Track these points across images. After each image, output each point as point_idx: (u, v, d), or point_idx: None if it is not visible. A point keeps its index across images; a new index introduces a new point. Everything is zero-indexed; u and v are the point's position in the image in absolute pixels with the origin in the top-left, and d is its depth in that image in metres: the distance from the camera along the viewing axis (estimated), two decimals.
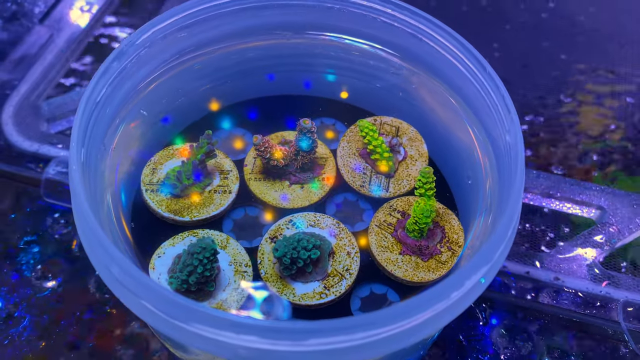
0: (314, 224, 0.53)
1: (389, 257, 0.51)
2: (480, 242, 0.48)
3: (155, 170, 0.54)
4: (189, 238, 0.51)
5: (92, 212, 0.38)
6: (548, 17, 1.02)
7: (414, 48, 0.55)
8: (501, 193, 0.46)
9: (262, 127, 0.59)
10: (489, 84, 0.48)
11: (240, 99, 0.61)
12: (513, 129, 0.44)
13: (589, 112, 0.89)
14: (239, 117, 0.60)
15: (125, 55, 0.49)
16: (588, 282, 0.69)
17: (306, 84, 0.62)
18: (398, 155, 0.56)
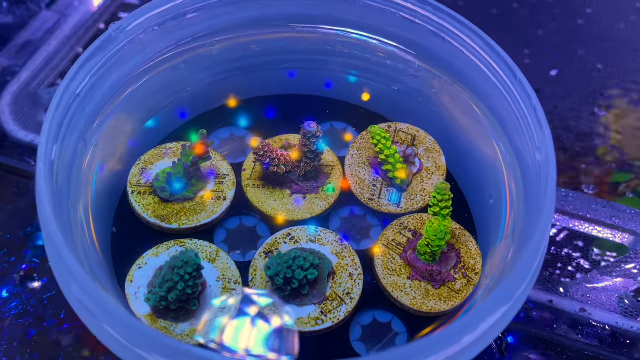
0: (315, 240, 0.47)
1: (395, 281, 0.46)
2: (501, 271, 0.42)
3: (144, 171, 0.50)
4: (174, 248, 0.46)
5: (55, 217, 0.34)
6: (585, 23, 0.95)
7: (436, 49, 0.49)
8: (527, 218, 0.40)
9: (264, 128, 0.54)
10: (519, 93, 0.42)
11: (243, 97, 0.56)
12: (544, 146, 0.38)
13: (625, 127, 0.82)
14: (239, 116, 0.55)
15: (114, 43, 0.44)
16: (618, 316, 0.62)
17: (317, 84, 0.57)
18: (413, 167, 0.51)
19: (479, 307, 0.32)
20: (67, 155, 0.40)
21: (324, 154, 0.51)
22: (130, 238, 0.47)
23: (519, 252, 0.39)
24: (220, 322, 0.38)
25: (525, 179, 0.41)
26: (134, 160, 0.50)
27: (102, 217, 0.47)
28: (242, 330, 0.38)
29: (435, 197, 0.44)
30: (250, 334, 0.38)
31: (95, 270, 0.39)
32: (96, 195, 0.46)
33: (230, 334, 0.37)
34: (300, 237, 0.47)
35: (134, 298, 0.43)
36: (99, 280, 0.40)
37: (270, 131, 0.54)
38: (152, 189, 0.49)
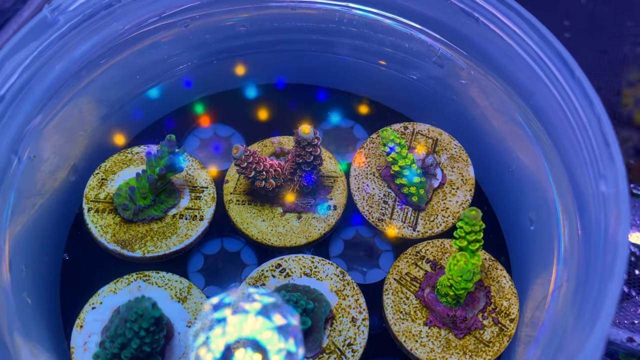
0: (310, 273, 0.38)
1: (409, 328, 0.37)
2: (551, 325, 0.33)
3: (104, 182, 0.41)
4: (136, 283, 0.37)
5: None
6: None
7: (468, 31, 0.39)
8: (586, 265, 0.30)
9: (254, 126, 0.45)
10: (577, 96, 0.32)
11: (226, 87, 0.47)
12: (613, 175, 0.29)
13: None
14: (226, 112, 0.46)
15: (53, 27, 0.34)
16: None
17: (318, 71, 0.47)
18: (433, 180, 0.41)
19: None
20: None
21: (325, 161, 0.42)
22: (85, 267, 0.39)
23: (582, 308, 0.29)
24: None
25: (584, 210, 0.31)
26: (92, 168, 0.41)
27: (50, 241, 0.39)
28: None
29: (462, 228, 0.35)
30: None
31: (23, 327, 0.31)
32: (42, 214, 0.38)
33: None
34: (293, 270, 0.38)
35: (81, 350, 0.35)
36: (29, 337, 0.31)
37: (261, 131, 0.44)
38: (113, 206, 0.40)
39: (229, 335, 0.30)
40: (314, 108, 0.46)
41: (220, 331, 0.30)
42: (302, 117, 0.45)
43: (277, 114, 0.46)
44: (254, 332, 0.30)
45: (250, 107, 0.46)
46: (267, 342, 0.30)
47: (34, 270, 0.35)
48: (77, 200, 0.41)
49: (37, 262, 0.36)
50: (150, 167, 0.38)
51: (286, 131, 0.44)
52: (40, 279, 0.36)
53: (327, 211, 0.40)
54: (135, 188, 0.39)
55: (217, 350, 0.30)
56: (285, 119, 0.46)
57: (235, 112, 0.46)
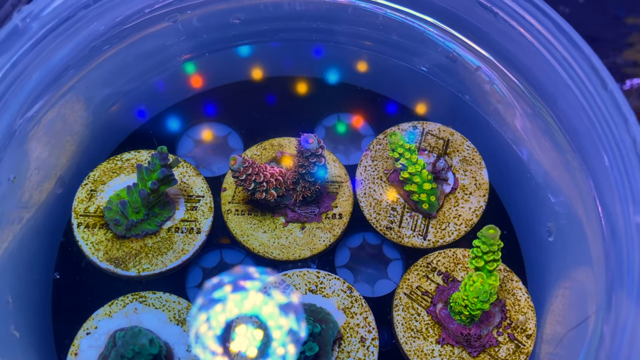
0: (316, 289, 0.36)
1: (421, 347, 0.35)
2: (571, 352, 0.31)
3: (93, 194, 0.38)
4: (132, 305, 0.35)
5: None
6: None
7: (485, 26, 0.36)
8: (618, 294, 0.28)
9: (252, 125, 0.42)
10: (609, 110, 0.29)
11: (223, 82, 0.43)
12: None
13: None
14: (221, 110, 0.43)
15: (26, 35, 0.31)
16: None
17: (320, 62, 0.43)
18: (445, 186, 0.39)
19: None
20: None
21: (329, 166, 0.39)
22: (76, 288, 0.37)
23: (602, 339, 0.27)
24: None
25: (616, 237, 0.29)
26: (80, 179, 0.38)
27: (39, 260, 0.36)
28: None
29: (479, 248, 0.33)
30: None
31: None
32: (28, 232, 0.35)
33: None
34: (297, 286, 0.36)
35: None
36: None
37: (259, 129, 0.41)
38: (104, 221, 0.37)
39: (229, 312, 0.30)
40: (317, 102, 0.43)
41: (221, 308, 0.30)
42: (303, 114, 0.42)
43: (277, 109, 0.43)
44: (254, 308, 0.30)
45: (247, 103, 0.43)
46: (268, 318, 0.30)
47: (22, 296, 0.33)
48: (66, 214, 0.38)
49: (26, 285, 0.34)
50: (142, 180, 0.36)
51: (286, 128, 0.41)
52: (29, 304, 0.34)
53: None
54: (127, 202, 0.36)
55: (217, 327, 0.30)
56: (285, 115, 0.43)
57: (232, 109, 0.43)
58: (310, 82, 0.44)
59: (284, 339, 0.30)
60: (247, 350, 0.31)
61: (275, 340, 0.30)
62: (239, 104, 0.43)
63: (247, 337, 0.32)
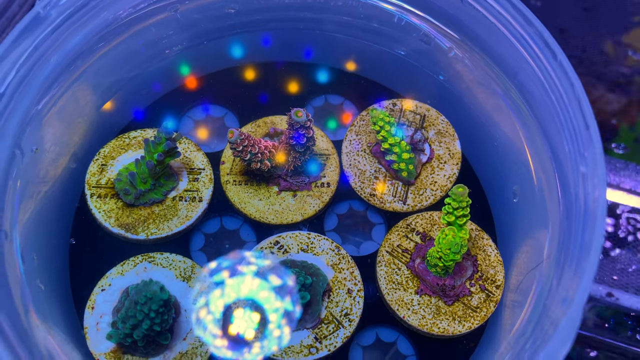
0: (307, 249, 0.40)
1: (401, 297, 0.39)
2: (533, 294, 0.35)
3: (104, 168, 0.42)
4: (142, 265, 0.39)
5: None
6: None
7: (453, 10, 0.40)
8: (567, 238, 0.33)
9: (246, 106, 0.46)
10: (559, 78, 0.33)
11: (220, 67, 0.47)
12: (591, 156, 0.30)
13: None
14: (218, 92, 0.47)
15: (46, 22, 0.35)
16: None
17: (307, 49, 0.47)
18: (422, 156, 0.43)
19: None
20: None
21: (318, 140, 0.43)
22: (91, 251, 0.41)
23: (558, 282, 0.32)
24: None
25: (565, 187, 0.33)
26: (91, 155, 0.42)
27: (57, 227, 0.40)
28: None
29: (450, 204, 0.37)
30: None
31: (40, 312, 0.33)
32: (47, 202, 0.39)
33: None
34: (290, 246, 0.40)
35: (94, 330, 0.37)
36: (46, 320, 0.33)
37: (254, 110, 0.45)
38: (115, 191, 0.41)
39: (227, 297, 0.32)
40: (306, 85, 0.47)
41: (219, 293, 0.32)
42: (294, 94, 0.46)
43: (269, 92, 0.47)
44: (251, 292, 0.32)
45: (242, 86, 0.47)
46: (265, 302, 0.32)
47: (44, 257, 0.37)
48: (80, 186, 0.42)
49: (46, 249, 0.38)
50: (149, 153, 0.40)
51: (278, 109, 0.45)
52: (50, 264, 0.38)
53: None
54: (135, 173, 0.40)
55: (216, 311, 0.32)
56: (277, 97, 0.47)
57: (228, 92, 0.47)
58: (300, 66, 0.48)
59: (280, 320, 0.33)
60: (245, 333, 0.34)
61: (272, 322, 0.33)
62: (235, 88, 0.47)
63: (245, 320, 0.33)
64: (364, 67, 0.47)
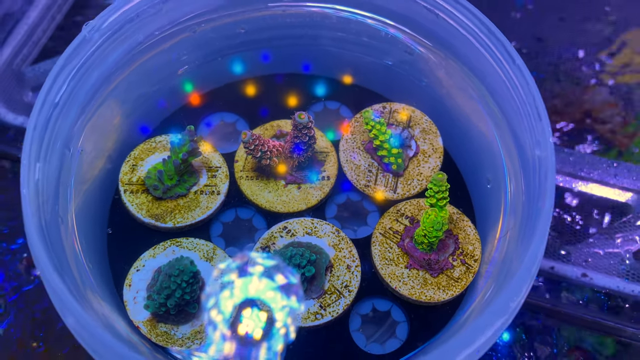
0: (311, 232, 0.47)
1: (393, 271, 0.46)
2: (500, 262, 0.42)
3: (135, 168, 0.49)
4: (171, 248, 0.46)
5: (46, 251, 0.34)
6: None
7: (431, 25, 0.47)
8: (527, 214, 0.39)
9: (255, 113, 0.53)
10: (518, 79, 0.40)
11: (231, 79, 0.54)
12: (544, 142, 0.37)
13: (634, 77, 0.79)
14: (230, 102, 0.53)
15: (90, 43, 0.42)
16: (619, 281, 0.62)
17: (306, 62, 0.54)
18: (409, 151, 0.49)
19: (473, 324, 0.32)
20: (52, 169, 0.40)
21: (318, 139, 0.50)
22: (126, 239, 0.47)
23: (518, 248, 0.38)
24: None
25: (525, 170, 0.40)
26: (123, 157, 0.49)
27: (97, 219, 0.47)
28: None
29: (431, 189, 0.43)
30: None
31: (90, 286, 0.39)
32: (89, 198, 0.46)
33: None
34: (297, 230, 0.47)
35: (132, 304, 0.43)
36: (96, 292, 0.40)
37: (262, 116, 0.52)
38: (145, 187, 0.48)
39: (236, 297, 0.34)
40: (307, 93, 0.54)
41: (229, 293, 0.34)
42: (296, 102, 0.53)
43: (275, 100, 0.54)
44: (258, 292, 0.34)
45: (251, 96, 0.54)
46: (271, 301, 0.34)
47: (89, 243, 0.44)
48: (114, 184, 0.49)
49: (90, 237, 0.44)
50: (175, 153, 0.46)
51: (284, 115, 0.52)
52: (94, 250, 0.44)
53: (318, 179, 0.48)
54: (163, 171, 0.47)
55: (226, 311, 0.34)
56: (281, 104, 0.53)
57: (238, 101, 0.54)
58: (301, 77, 0.55)
59: (286, 319, 0.35)
60: (253, 332, 0.36)
61: (278, 321, 0.34)
62: (244, 97, 0.54)
63: (253, 319, 0.36)
64: (357, 76, 0.54)
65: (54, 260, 0.34)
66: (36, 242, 0.34)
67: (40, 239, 0.34)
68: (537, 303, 0.61)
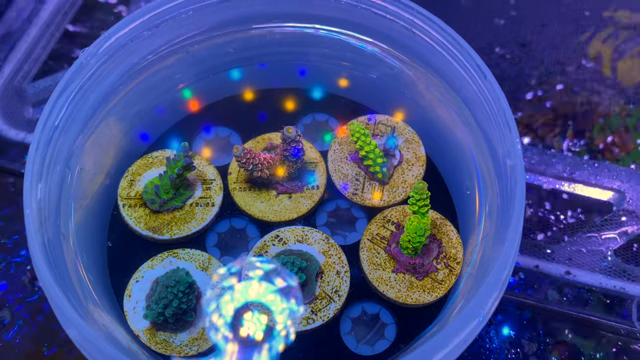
0: (302, 240, 0.49)
1: (381, 275, 0.48)
2: (478, 264, 0.44)
3: (132, 183, 0.51)
4: (168, 259, 0.48)
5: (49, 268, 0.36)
6: None
7: (409, 42, 0.49)
8: (501, 216, 0.42)
9: (247, 126, 0.55)
10: (489, 93, 0.42)
11: (223, 95, 0.57)
12: (514, 152, 0.39)
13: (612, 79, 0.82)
14: (224, 116, 0.56)
15: (87, 68, 0.44)
16: (602, 277, 0.65)
17: (295, 77, 0.57)
18: (393, 160, 0.52)
19: (450, 326, 0.34)
20: (53, 188, 0.42)
21: (307, 151, 0.52)
22: (125, 251, 0.49)
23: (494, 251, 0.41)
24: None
25: (499, 177, 0.43)
26: (122, 172, 0.51)
27: (97, 233, 0.49)
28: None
29: (413, 197, 0.46)
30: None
31: (91, 298, 0.42)
32: (88, 213, 0.48)
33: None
34: (288, 238, 0.49)
35: (132, 313, 0.46)
36: (97, 304, 0.42)
37: (254, 129, 0.55)
38: (142, 201, 0.50)
39: (237, 301, 0.35)
40: (296, 106, 0.56)
41: (229, 298, 0.35)
42: (286, 115, 0.56)
43: (267, 114, 0.56)
44: (258, 295, 0.35)
45: (242, 110, 0.56)
46: (271, 304, 0.35)
47: (90, 257, 0.46)
48: (113, 199, 0.51)
49: (90, 250, 0.47)
50: (170, 168, 0.49)
51: (274, 128, 0.54)
52: (94, 263, 0.46)
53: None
54: (160, 185, 0.49)
55: (227, 315, 0.35)
56: (271, 118, 0.56)
57: (231, 116, 0.56)
58: (290, 91, 0.57)
59: (286, 321, 0.36)
60: (254, 334, 0.36)
61: (279, 323, 0.36)
62: (236, 112, 0.56)
63: (254, 322, 0.36)
64: (344, 89, 0.57)
65: (57, 277, 0.36)
66: (39, 260, 0.36)
67: (43, 256, 0.36)
68: (523, 300, 0.64)
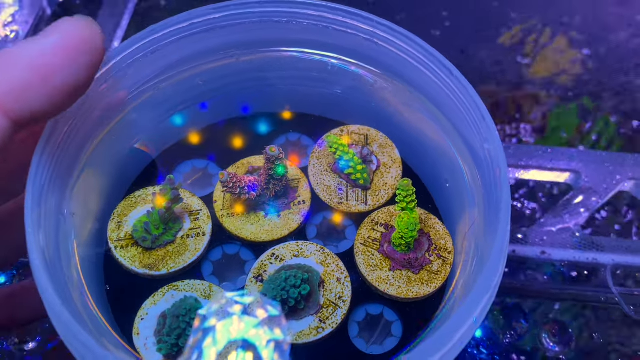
0: (298, 254, 0.50)
1: (379, 275, 0.50)
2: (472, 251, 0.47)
3: (120, 224, 0.51)
4: (169, 293, 0.48)
5: (65, 305, 0.35)
6: None
7: (372, 52, 0.52)
8: (487, 201, 0.44)
9: (223, 155, 0.56)
10: (458, 89, 0.46)
11: (196, 128, 0.58)
12: (491, 137, 0.43)
13: (547, 72, 0.88)
14: (196, 148, 0.57)
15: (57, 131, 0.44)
16: (574, 252, 0.69)
17: (264, 102, 0.59)
18: (372, 165, 0.54)
19: (444, 328, 0.36)
20: (51, 236, 0.42)
21: (288, 169, 0.54)
22: (125, 292, 0.49)
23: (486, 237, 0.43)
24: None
25: (479, 165, 0.45)
26: (108, 215, 0.51)
27: (95, 278, 0.48)
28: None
29: (400, 195, 0.48)
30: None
31: (103, 335, 0.41)
32: (83, 259, 0.48)
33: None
34: (285, 255, 0.50)
35: (144, 350, 0.45)
36: (111, 341, 0.42)
37: (231, 157, 0.56)
38: (134, 240, 0.50)
39: (219, 343, 0.33)
40: (269, 130, 0.58)
41: (211, 341, 0.33)
42: (260, 139, 0.57)
43: (241, 140, 0.57)
44: (240, 333, 0.33)
45: (217, 139, 0.58)
46: (255, 339, 0.33)
47: (95, 298, 0.46)
48: (103, 242, 0.51)
49: (93, 293, 0.46)
50: (158, 203, 0.49)
51: (251, 152, 0.56)
52: (101, 304, 0.46)
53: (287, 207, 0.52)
54: (149, 222, 0.50)
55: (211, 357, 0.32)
56: (248, 143, 0.57)
57: (207, 146, 0.57)
58: (260, 116, 0.59)
59: (273, 355, 0.33)
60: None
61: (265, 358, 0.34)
62: (212, 141, 0.57)
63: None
64: (311, 106, 0.59)
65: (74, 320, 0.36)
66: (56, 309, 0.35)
67: (59, 302, 0.36)
68: (508, 285, 0.67)
